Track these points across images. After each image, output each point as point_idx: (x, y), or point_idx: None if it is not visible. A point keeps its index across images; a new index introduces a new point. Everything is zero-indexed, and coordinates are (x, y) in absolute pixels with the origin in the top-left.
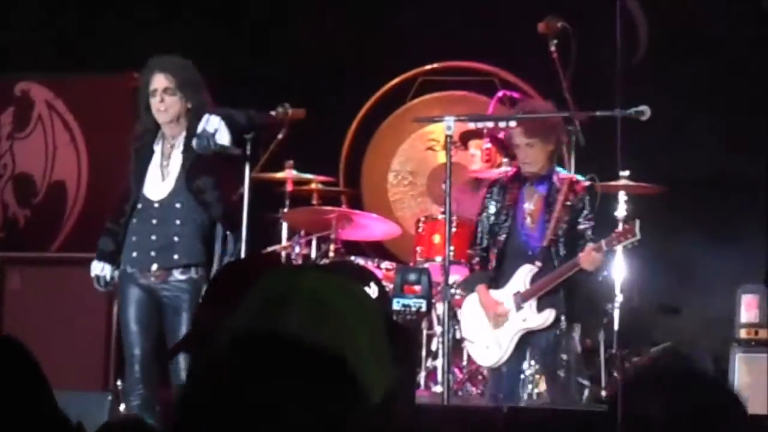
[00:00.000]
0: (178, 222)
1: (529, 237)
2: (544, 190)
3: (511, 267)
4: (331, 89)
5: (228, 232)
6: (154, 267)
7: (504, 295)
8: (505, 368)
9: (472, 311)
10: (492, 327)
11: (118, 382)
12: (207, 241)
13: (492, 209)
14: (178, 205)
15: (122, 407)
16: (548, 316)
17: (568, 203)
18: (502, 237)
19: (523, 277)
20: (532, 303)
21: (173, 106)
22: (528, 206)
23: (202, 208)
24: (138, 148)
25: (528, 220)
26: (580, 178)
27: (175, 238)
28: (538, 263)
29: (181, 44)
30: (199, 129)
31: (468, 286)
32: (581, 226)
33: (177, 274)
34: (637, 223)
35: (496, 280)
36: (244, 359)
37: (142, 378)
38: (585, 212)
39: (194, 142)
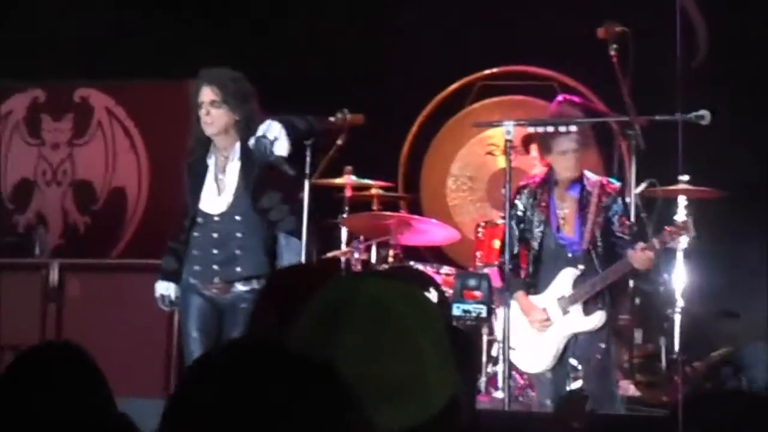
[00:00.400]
0: (239, 235)
1: (565, 241)
2: (576, 193)
3: (551, 272)
4: (391, 94)
5: (294, 239)
6: (216, 280)
7: (546, 300)
8: (551, 374)
9: (513, 318)
10: (536, 332)
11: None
12: (269, 251)
13: (522, 215)
14: (238, 218)
15: None
16: (599, 318)
17: (602, 205)
18: (536, 242)
19: (565, 281)
20: (579, 306)
21: (220, 119)
22: (561, 210)
23: (270, 226)
24: (191, 163)
25: (563, 224)
26: (611, 180)
27: (237, 251)
28: (581, 266)
29: (239, 52)
30: (259, 132)
31: (503, 295)
32: (616, 227)
33: (239, 286)
34: (691, 219)
35: (534, 285)
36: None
37: None
38: (619, 213)
39: (251, 144)
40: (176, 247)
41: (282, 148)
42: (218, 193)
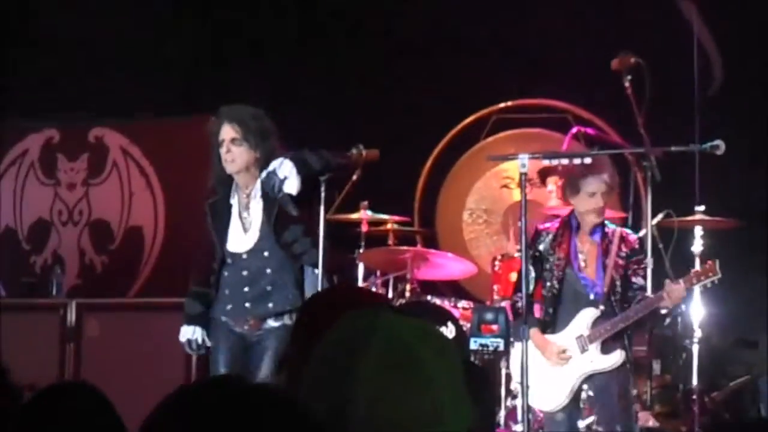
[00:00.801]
0: (268, 271)
1: (587, 282)
2: (597, 238)
3: (569, 312)
4: (406, 129)
5: (319, 273)
6: (249, 318)
7: (564, 339)
8: (563, 414)
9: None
10: (551, 370)
11: None
12: (299, 284)
13: (539, 255)
14: (266, 254)
15: None
16: (618, 357)
17: (622, 254)
18: (555, 281)
19: (585, 320)
20: (597, 345)
21: (240, 157)
22: (583, 254)
23: (294, 259)
24: (213, 203)
25: (584, 266)
26: (630, 232)
27: (268, 287)
28: (602, 307)
29: (254, 88)
30: (270, 168)
31: (517, 332)
32: (634, 278)
33: (271, 322)
34: (717, 262)
35: (551, 324)
36: None
37: None
38: (636, 265)
39: (262, 177)
40: (201, 291)
41: (291, 186)
42: (244, 232)
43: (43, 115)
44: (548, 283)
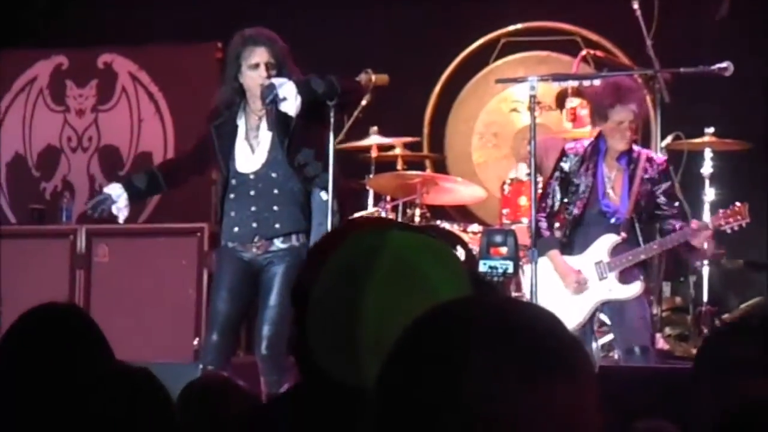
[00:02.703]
0: (276, 191)
1: (609, 208)
2: (624, 163)
3: (589, 236)
4: (414, 53)
5: (330, 197)
6: (257, 239)
7: (583, 263)
8: (577, 333)
9: (543, 276)
10: (570, 293)
11: (195, 341)
12: (305, 207)
13: (565, 177)
14: (274, 175)
15: (200, 367)
16: (637, 287)
17: (647, 177)
18: (579, 204)
19: (604, 246)
20: (617, 273)
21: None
22: (609, 178)
23: (305, 182)
24: (219, 125)
25: (610, 190)
26: (658, 154)
27: (275, 207)
28: (624, 234)
29: (259, 12)
30: (275, 81)
31: (538, 251)
32: (662, 203)
33: (278, 243)
34: (747, 206)
35: (570, 246)
36: None
37: (221, 340)
38: (667, 191)
39: (261, 88)
40: (154, 171)
41: (289, 107)
42: (252, 152)
43: (52, 41)
44: (570, 206)
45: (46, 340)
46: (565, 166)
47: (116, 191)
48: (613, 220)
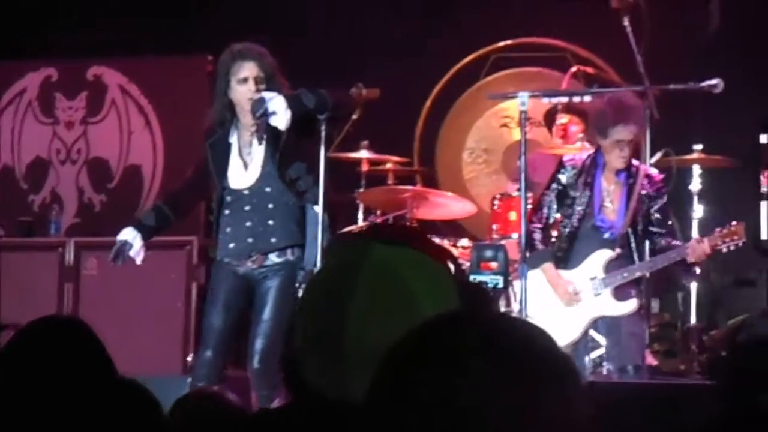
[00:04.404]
0: (270, 206)
1: (605, 223)
2: (623, 177)
3: (584, 251)
4: (405, 68)
5: (320, 211)
6: (253, 254)
7: (577, 277)
8: (571, 349)
9: (536, 289)
10: (563, 307)
11: (189, 357)
12: (299, 221)
13: (562, 189)
14: (268, 190)
15: (189, 381)
16: (632, 305)
17: (644, 192)
18: (575, 218)
19: (599, 261)
20: (611, 290)
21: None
22: (608, 192)
23: (298, 196)
24: (213, 143)
25: (608, 204)
26: (652, 171)
27: (270, 222)
28: (618, 249)
29: (249, 27)
30: (265, 94)
31: (531, 263)
32: (655, 221)
33: (273, 257)
34: (743, 225)
35: (565, 260)
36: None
37: (214, 356)
38: (659, 204)
39: (251, 103)
40: (161, 206)
41: (279, 121)
42: (245, 168)
43: (41, 53)
44: (566, 219)
45: (48, 353)
46: (563, 178)
47: (130, 235)
48: (607, 235)
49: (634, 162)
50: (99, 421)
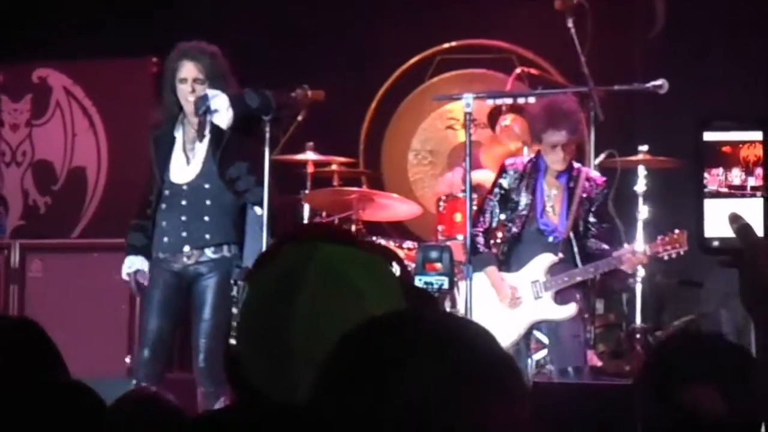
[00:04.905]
0: (208, 202)
1: (548, 227)
2: (564, 181)
3: (526, 254)
4: (350, 70)
5: (264, 212)
6: (186, 248)
7: (519, 280)
8: (512, 350)
9: (480, 291)
10: (505, 309)
11: (127, 359)
12: (236, 220)
13: (505, 194)
14: (207, 186)
15: (133, 383)
16: (571, 309)
17: (585, 196)
18: (518, 222)
19: (541, 265)
20: (552, 293)
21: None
22: (549, 196)
23: (236, 195)
24: (157, 137)
25: (550, 208)
26: (594, 174)
27: (206, 218)
28: (560, 254)
29: (199, 26)
30: (208, 92)
31: (475, 266)
32: (590, 219)
33: (209, 253)
34: (686, 233)
35: (508, 263)
36: None
37: (152, 356)
38: (596, 205)
39: (193, 101)
40: (143, 223)
41: (221, 119)
42: (187, 163)
43: None
44: (509, 223)
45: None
46: (504, 182)
47: (138, 262)
48: (551, 239)
49: (576, 165)
50: (42, 422)
